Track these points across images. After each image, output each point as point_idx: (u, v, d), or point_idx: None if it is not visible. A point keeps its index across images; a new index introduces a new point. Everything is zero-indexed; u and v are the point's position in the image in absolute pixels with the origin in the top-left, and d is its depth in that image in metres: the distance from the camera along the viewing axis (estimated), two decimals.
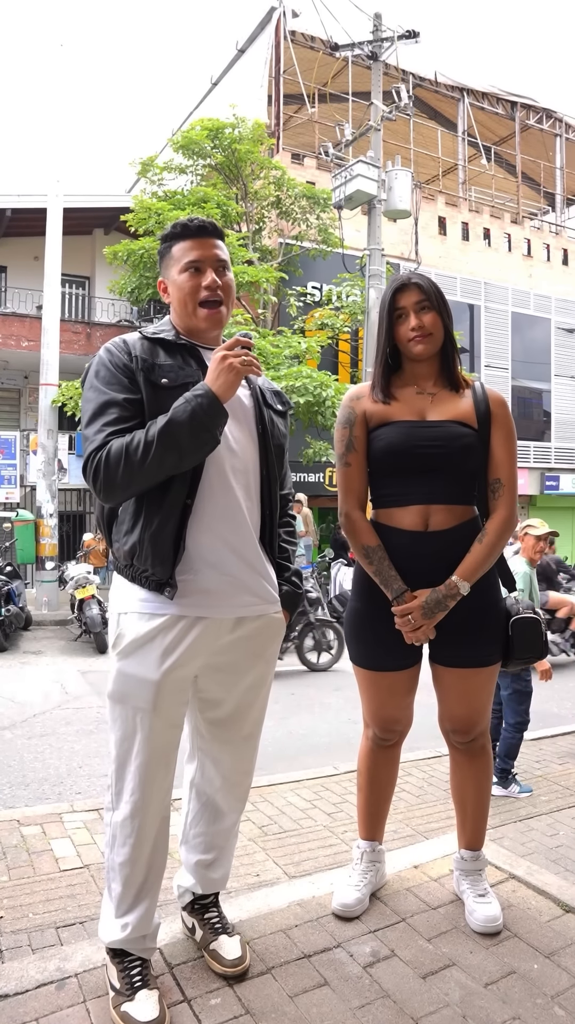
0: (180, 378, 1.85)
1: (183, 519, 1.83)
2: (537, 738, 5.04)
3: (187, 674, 1.89)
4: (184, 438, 1.72)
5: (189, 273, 1.89)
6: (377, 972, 2.02)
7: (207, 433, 1.74)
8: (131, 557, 1.85)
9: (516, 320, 19.15)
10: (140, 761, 1.85)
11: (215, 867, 2.13)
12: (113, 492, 1.78)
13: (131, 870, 1.88)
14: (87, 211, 17.09)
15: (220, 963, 1.98)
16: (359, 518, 2.29)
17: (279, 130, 16.34)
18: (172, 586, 1.82)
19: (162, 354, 1.89)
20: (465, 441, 2.17)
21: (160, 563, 1.81)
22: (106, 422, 1.78)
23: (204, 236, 1.92)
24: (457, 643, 2.22)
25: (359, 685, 2.39)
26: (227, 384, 1.75)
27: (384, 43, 12.69)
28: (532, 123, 20.28)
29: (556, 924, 2.28)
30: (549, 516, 19.47)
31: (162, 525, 1.81)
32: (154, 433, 1.72)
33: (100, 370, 1.86)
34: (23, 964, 2.01)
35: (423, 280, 2.22)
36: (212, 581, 1.88)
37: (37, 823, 3.31)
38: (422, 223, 17.36)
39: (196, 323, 1.93)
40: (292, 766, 4.53)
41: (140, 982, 1.84)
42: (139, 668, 1.83)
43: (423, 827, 3.43)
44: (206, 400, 1.73)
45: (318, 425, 12.01)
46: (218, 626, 1.89)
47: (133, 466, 1.72)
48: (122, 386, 1.83)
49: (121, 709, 1.87)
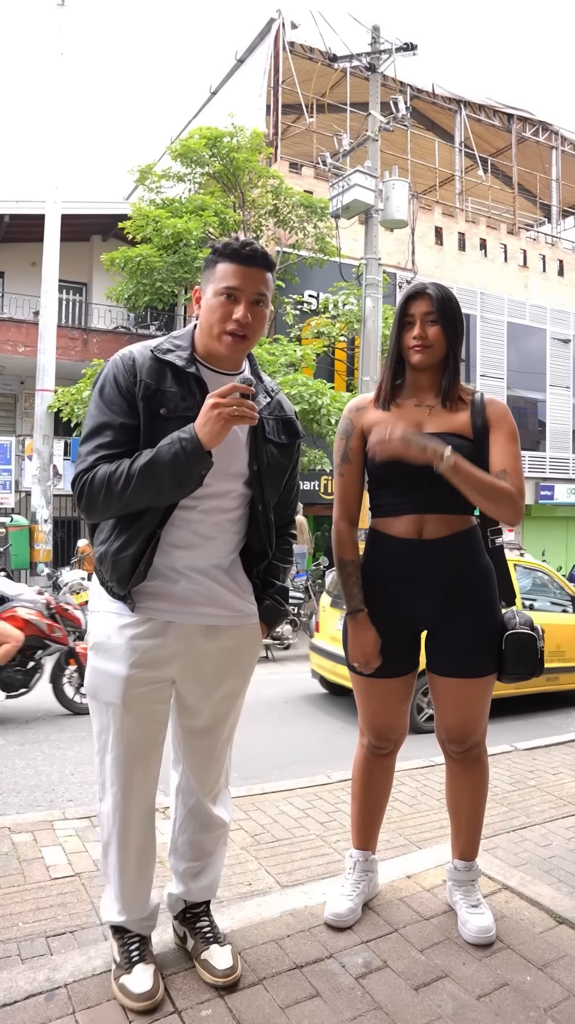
0: (180, 410, 1.82)
1: (146, 545, 1.85)
2: (531, 748, 5.03)
3: (160, 676, 1.92)
4: (164, 478, 1.74)
5: (223, 299, 1.83)
6: (369, 983, 2.01)
7: (187, 477, 1.75)
8: (99, 564, 1.92)
9: (512, 330, 19.22)
10: (115, 755, 1.92)
11: (204, 874, 2.13)
12: (93, 514, 1.86)
13: (120, 856, 1.97)
14: (85, 218, 17.12)
15: (211, 973, 1.97)
16: (344, 529, 2.32)
17: (277, 139, 16.41)
18: (131, 599, 1.88)
19: (169, 378, 1.86)
20: (461, 453, 2.16)
21: (118, 581, 1.87)
22: (99, 444, 1.81)
23: (252, 265, 1.83)
24: (453, 653, 2.22)
25: (355, 692, 2.38)
26: (213, 434, 1.72)
27: (382, 55, 12.76)
28: (528, 135, 20.41)
29: (549, 936, 2.27)
30: (544, 526, 19.57)
31: (125, 547, 1.85)
32: (136, 468, 1.74)
33: (105, 386, 1.86)
34: (12, 974, 1.99)
35: (438, 292, 2.20)
36: (182, 589, 1.92)
37: (28, 831, 3.28)
38: (419, 233, 17.44)
39: (217, 348, 1.88)
40: (285, 775, 4.51)
41: (138, 957, 1.95)
42: (108, 664, 1.90)
43: (416, 837, 3.42)
44: (190, 445, 1.72)
45: (313, 433, 12.02)
46: (187, 632, 1.92)
47: (113, 495, 1.76)
48: (121, 409, 1.83)
49: (96, 704, 1.96)
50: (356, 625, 2.26)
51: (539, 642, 2.25)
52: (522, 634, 2.23)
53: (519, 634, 2.23)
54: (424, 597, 2.21)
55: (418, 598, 2.22)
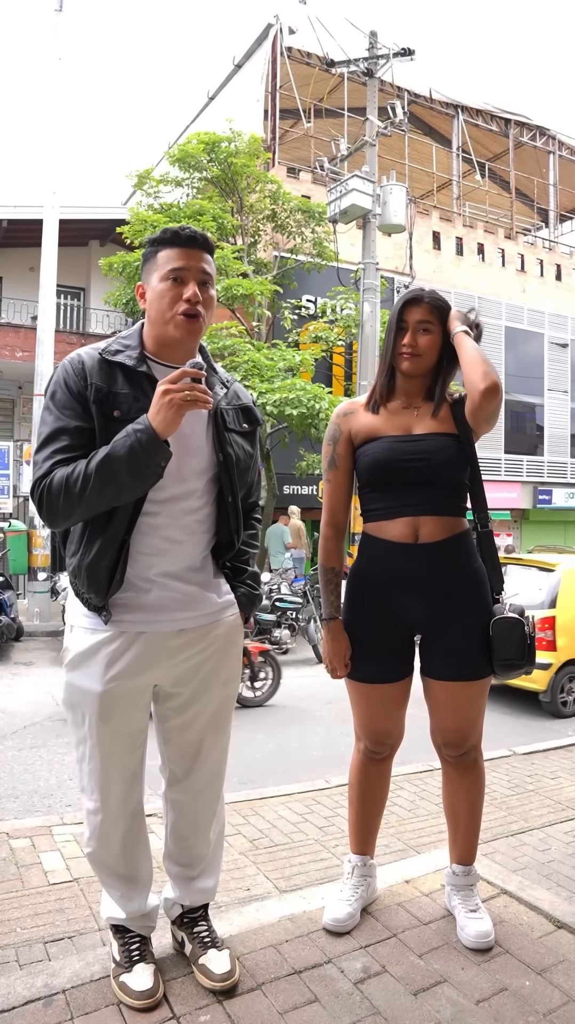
0: (134, 410, 1.79)
1: (119, 552, 1.84)
2: (529, 752, 5.02)
3: (136, 685, 1.91)
4: (122, 473, 1.71)
5: (170, 282, 1.82)
6: (368, 988, 2.00)
7: (146, 469, 1.72)
8: (74, 577, 1.89)
9: (510, 335, 19.26)
10: (93, 764, 1.93)
11: (201, 879, 2.12)
12: (55, 521, 1.81)
13: (106, 859, 1.99)
14: (83, 223, 17.16)
15: (209, 978, 1.97)
16: (330, 536, 2.36)
17: (275, 144, 16.45)
18: (107, 611, 1.86)
19: (120, 379, 1.83)
20: (449, 452, 2.18)
21: (95, 591, 1.85)
22: (54, 449, 1.78)
23: (193, 247, 1.84)
24: (447, 656, 2.22)
25: (350, 698, 2.38)
26: (167, 421, 1.69)
27: (379, 60, 12.79)
28: (526, 140, 20.47)
29: (548, 940, 2.27)
30: (542, 530, 19.60)
31: (99, 557, 1.83)
32: (93, 466, 1.71)
33: (56, 391, 1.83)
34: (10, 980, 1.99)
35: (435, 301, 2.21)
36: (154, 598, 1.91)
37: (26, 836, 3.28)
38: (416, 238, 17.48)
39: (170, 332, 1.85)
40: (283, 779, 4.51)
41: (138, 956, 1.98)
42: (83, 680, 1.89)
43: (414, 841, 3.41)
44: (145, 436, 1.69)
45: (311, 438, 12.03)
46: (160, 639, 1.91)
47: (72, 498, 1.73)
48: (75, 413, 1.80)
49: (73, 716, 1.96)
50: (329, 632, 2.28)
51: (527, 627, 2.19)
52: (508, 618, 2.20)
53: (505, 618, 2.20)
54: (419, 601, 2.22)
55: (413, 602, 2.22)
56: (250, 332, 13.58)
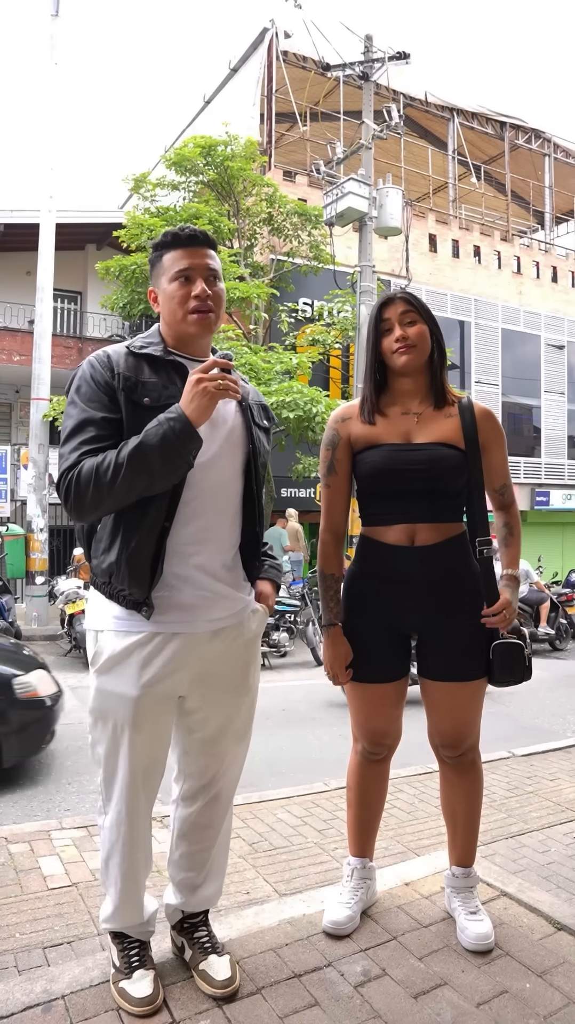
0: (163, 398, 1.81)
1: (161, 541, 1.82)
2: (528, 754, 5.02)
3: (168, 689, 1.89)
4: (155, 462, 1.70)
5: (179, 282, 1.87)
6: (368, 992, 2.00)
7: (179, 458, 1.71)
8: (108, 576, 1.85)
9: (506, 336, 19.28)
10: (123, 773, 1.89)
11: (205, 885, 2.11)
12: (83, 512, 1.78)
13: (122, 869, 1.96)
14: (80, 227, 17.15)
15: (210, 984, 1.96)
16: (329, 542, 2.35)
17: (271, 148, 16.47)
18: (149, 606, 1.83)
19: (147, 370, 1.86)
20: (450, 463, 2.17)
21: (138, 584, 1.81)
22: (82, 440, 1.76)
23: (195, 245, 1.89)
24: (444, 657, 2.22)
25: (348, 698, 2.38)
26: (200, 409, 1.71)
27: (375, 64, 12.84)
28: (521, 143, 20.51)
29: (548, 942, 2.26)
30: (540, 531, 19.59)
31: (140, 547, 1.80)
32: (124, 455, 1.70)
33: (81, 385, 1.84)
34: (9, 986, 1.98)
35: (409, 295, 2.24)
36: (187, 597, 1.89)
37: (25, 841, 3.27)
38: (413, 240, 17.49)
39: (185, 328, 1.90)
40: (283, 782, 4.50)
41: (138, 962, 1.96)
42: (118, 685, 1.86)
43: (414, 844, 3.41)
44: (178, 424, 1.69)
45: (308, 441, 12.04)
46: (195, 640, 1.90)
47: (102, 488, 1.70)
48: (102, 404, 1.80)
49: (103, 725, 1.90)
50: (329, 638, 2.28)
51: (527, 649, 2.24)
52: (509, 643, 2.22)
53: (506, 643, 2.22)
54: (415, 602, 2.22)
55: (409, 603, 2.22)
56: (247, 335, 13.60)
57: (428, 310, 2.25)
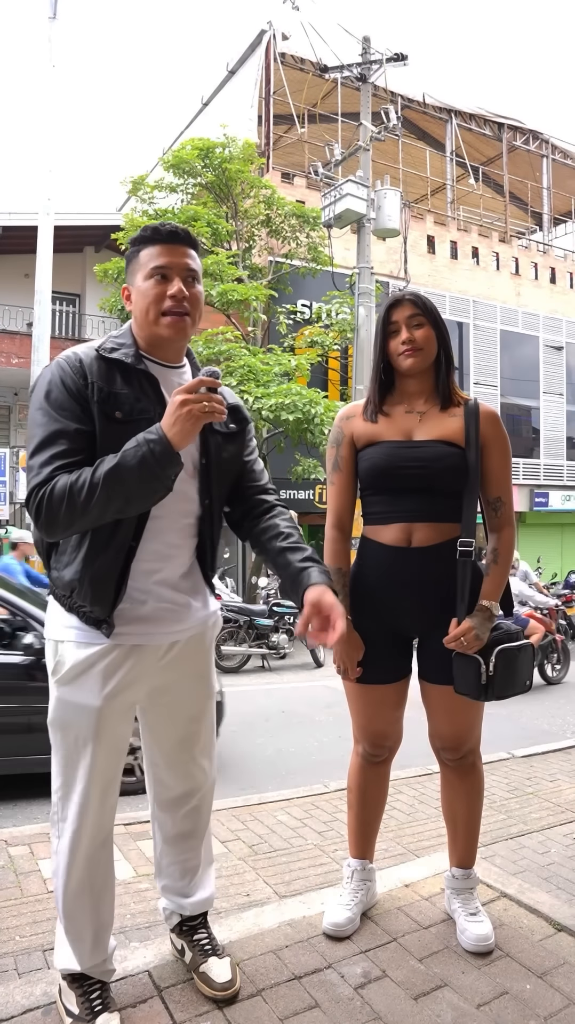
0: (135, 411, 1.72)
1: (127, 561, 1.76)
2: (528, 755, 5.02)
3: (128, 700, 1.85)
4: (132, 485, 1.60)
5: (155, 280, 1.75)
6: (368, 993, 2.00)
7: (157, 482, 1.62)
8: (69, 590, 1.79)
9: (505, 338, 19.29)
10: (81, 788, 1.81)
11: (197, 890, 2.10)
12: (54, 531, 1.67)
13: (79, 897, 1.84)
14: (78, 229, 17.17)
15: (210, 986, 1.95)
16: (334, 538, 2.34)
17: (269, 150, 16.48)
18: (110, 625, 1.77)
19: (119, 380, 1.75)
20: (449, 461, 2.16)
21: (100, 604, 1.76)
22: (54, 454, 1.65)
23: (175, 243, 1.77)
24: (442, 659, 2.20)
25: (348, 699, 2.38)
26: (184, 433, 1.60)
27: (373, 65, 12.86)
28: (519, 144, 20.53)
29: (548, 943, 2.26)
30: (538, 533, 19.61)
31: (104, 566, 1.74)
32: (100, 476, 1.59)
33: (52, 391, 1.71)
34: (9, 988, 1.98)
35: (418, 297, 2.23)
36: (149, 610, 1.84)
37: (25, 843, 3.26)
38: (411, 242, 17.50)
39: (158, 331, 1.78)
40: (282, 784, 4.50)
41: (100, 1006, 1.82)
42: (79, 695, 1.79)
43: (414, 845, 3.41)
44: (159, 447, 1.59)
45: (307, 442, 12.04)
46: (154, 652, 1.86)
47: (76, 508, 1.60)
48: (73, 414, 1.69)
49: (62, 737, 1.83)
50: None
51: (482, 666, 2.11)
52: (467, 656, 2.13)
53: (463, 656, 2.13)
54: (413, 604, 2.21)
55: (407, 605, 2.22)
56: (245, 337, 13.60)
57: (436, 312, 2.23)
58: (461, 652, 2.13)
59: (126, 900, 2.76)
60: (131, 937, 2.49)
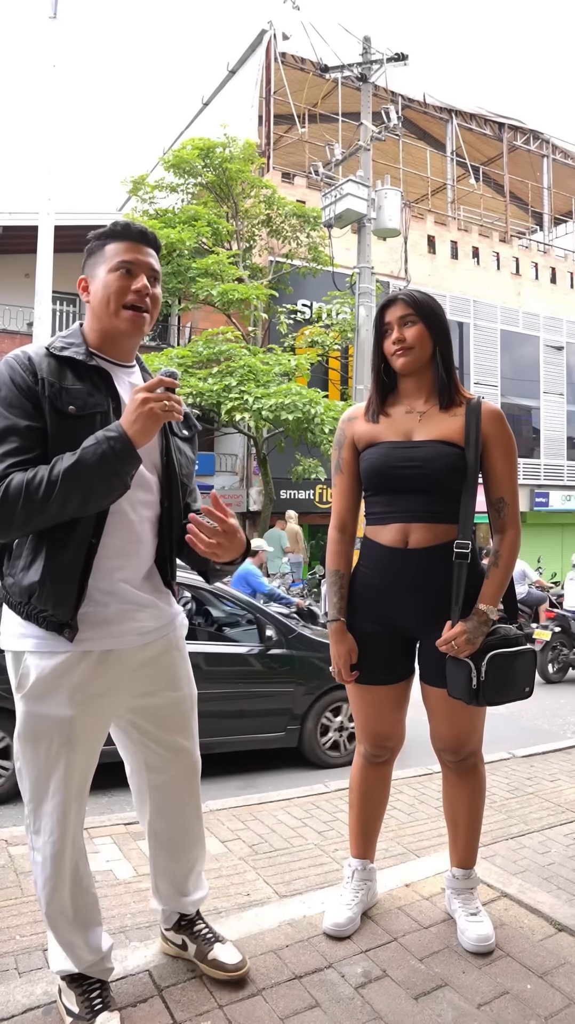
0: (88, 407, 1.72)
1: (88, 559, 1.73)
2: (528, 755, 5.02)
3: (104, 707, 1.83)
4: (91, 482, 1.60)
5: (120, 273, 1.76)
6: (369, 993, 2.00)
7: (116, 479, 1.63)
8: (28, 595, 1.73)
9: (505, 338, 19.30)
10: (58, 800, 1.79)
11: (194, 891, 2.11)
12: (9, 530, 1.64)
13: (64, 902, 1.83)
14: (78, 229, 17.08)
15: (223, 970, 1.98)
16: (335, 539, 2.35)
17: (269, 149, 16.50)
18: (72, 628, 1.73)
19: (70, 376, 1.74)
20: (447, 461, 2.14)
21: (62, 605, 1.71)
22: (6, 451, 1.63)
23: (144, 243, 1.81)
24: (442, 663, 2.18)
25: (350, 700, 2.38)
26: (144, 430, 1.62)
27: (373, 65, 12.85)
28: (519, 144, 20.54)
29: (549, 943, 2.26)
30: (539, 532, 19.60)
31: (65, 566, 1.71)
32: (58, 473, 1.58)
33: (1, 389, 1.69)
34: (9, 988, 1.98)
35: (412, 296, 2.21)
36: (113, 612, 1.81)
37: (25, 843, 3.26)
38: (411, 242, 17.51)
39: (116, 324, 1.79)
40: (283, 784, 4.50)
41: (100, 1005, 1.82)
42: (50, 708, 1.75)
43: (414, 845, 3.41)
44: (118, 444, 1.60)
45: (307, 442, 12.05)
46: (126, 658, 1.84)
47: (33, 506, 1.58)
48: (25, 411, 1.67)
49: (33, 750, 1.77)
50: (334, 634, 2.28)
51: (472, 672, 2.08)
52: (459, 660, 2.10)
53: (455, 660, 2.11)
54: (411, 606, 2.20)
55: (405, 607, 2.21)
56: (246, 337, 13.61)
57: (430, 309, 2.20)
58: (454, 656, 2.11)
59: (126, 900, 2.76)
60: (131, 936, 2.49)
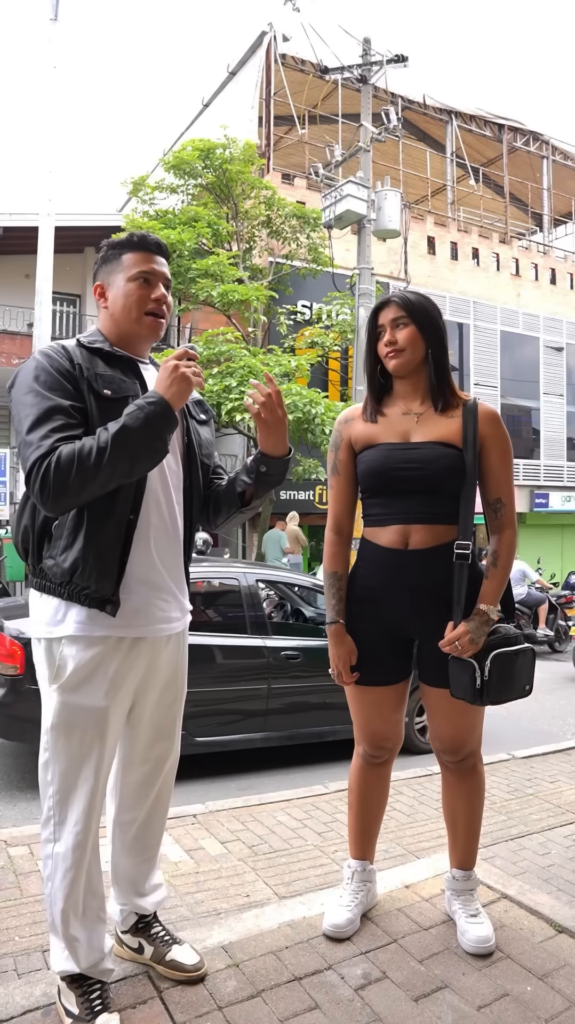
0: (121, 390, 1.84)
1: (128, 534, 1.83)
2: (528, 756, 5.01)
3: (127, 696, 1.91)
4: (139, 445, 1.70)
5: (139, 283, 1.90)
6: (369, 995, 1.99)
7: (160, 441, 1.74)
8: (71, 574, 1.79)
9: (505, 339, 19.30)
10: (87, 788, 1.82)
11: (153, 892, 2.13)
12: (62, 499, 1.69)
13: (78, 897, 1.84)
14: (78, 230, 17.14)
15: (183, 970, 2.00)
16: (332, 541, 2.36)
17: (270, 151, 16.50)
18: (115, 603, 1.81)
19: (101, 364, 1.87)
20: (445, 462, 2.14)
21: (105, 579, 1.79)
22: (53, 427, 1.71)
23: (160, 254, 1.95)
24: (442, 663, 2.18)
25: (348, 700, 2.38)
26: (180, 393, 1.76)
27: (373, 67, 12.84)
28: (519, 145, 20.54)
29: (549, 945, 2.26)
30: (539, 533, 19.61)
31: (107, 540, 1.80)
32: (107, 439, 1.67)
33: (40, 375, 1.78)
34: (8, 989, 1.98)
35: (405, 298, 2.21)
36: (144, 599, 1.89)
37: (24, 844, 3.26)
38: (411, 243, 17.51)
39: (137, 329, 1.93)
40: (282, 784, 4.50)
41: (100, 1006, 1.82)
42: (87, 698, 1.81)
43: (414, 846, 3.40)
44: (159, 407, 1.72)
45: (308, 443, 12.03)
46: (155, 645, 1.93)
47: (87, 472, 1.65)
48: (66, 392, 1.77)
49: (66, 740, 1.81)
50: (332, 636, 2.28)
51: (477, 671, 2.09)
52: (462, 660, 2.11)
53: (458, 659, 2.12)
54: (410, 607, 2.21)
55: (404, 608, 2.21)
56: (246, 338, 13.60)
57: (423, 310, 2.20)
58: (457, 656, 2.12)
59: None
60: None
